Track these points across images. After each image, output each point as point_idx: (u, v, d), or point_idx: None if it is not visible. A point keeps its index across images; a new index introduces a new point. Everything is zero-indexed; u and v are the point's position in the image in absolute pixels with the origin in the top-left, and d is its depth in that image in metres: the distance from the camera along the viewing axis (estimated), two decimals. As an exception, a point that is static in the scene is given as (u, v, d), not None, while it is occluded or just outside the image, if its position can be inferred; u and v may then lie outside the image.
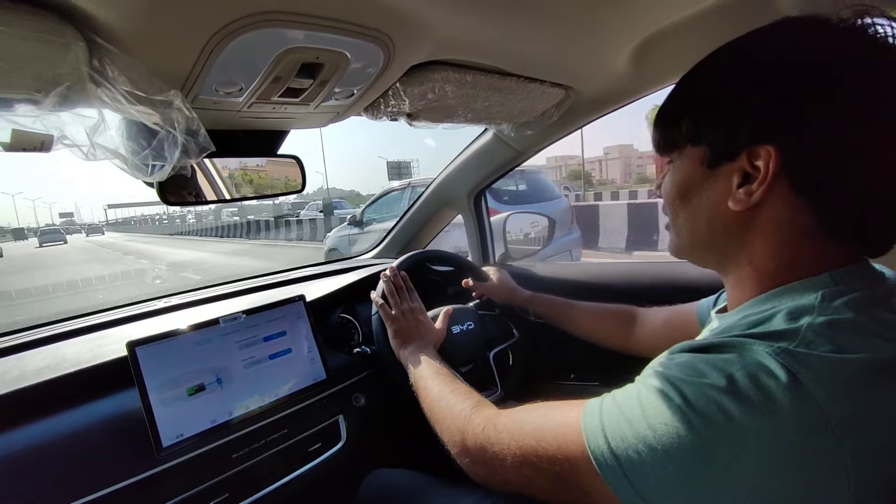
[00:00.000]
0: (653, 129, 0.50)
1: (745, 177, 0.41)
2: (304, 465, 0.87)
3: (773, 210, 0.41)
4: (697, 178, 0.45)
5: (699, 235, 0.47)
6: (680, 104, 0.47)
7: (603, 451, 0.38)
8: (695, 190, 0.46)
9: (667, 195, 0.49)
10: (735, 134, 0.41)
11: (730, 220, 0.43)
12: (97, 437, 0.69)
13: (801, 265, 0.41)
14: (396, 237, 1.53)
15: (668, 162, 0.50)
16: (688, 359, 0.38)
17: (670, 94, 0.48)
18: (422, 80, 0.71)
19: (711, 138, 0.43)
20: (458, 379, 0.71)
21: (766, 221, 0.42)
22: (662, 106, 0.49)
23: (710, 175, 0.44)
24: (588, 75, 0.88)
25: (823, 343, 0.35)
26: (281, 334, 0.90)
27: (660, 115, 0.49)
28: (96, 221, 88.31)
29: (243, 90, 0.55)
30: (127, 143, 0.47)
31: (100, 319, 0.96)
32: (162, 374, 0.74)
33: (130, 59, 0.43)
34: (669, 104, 0.48)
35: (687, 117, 0.45)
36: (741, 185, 0.42)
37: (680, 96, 0.47)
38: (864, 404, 0.33)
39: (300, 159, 0.85)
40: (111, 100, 0.44)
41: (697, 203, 0.46)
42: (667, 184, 0.49)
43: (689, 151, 0.46)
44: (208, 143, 0.49)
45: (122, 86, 0.43)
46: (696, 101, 0.45)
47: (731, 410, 0.33)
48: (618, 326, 0.90)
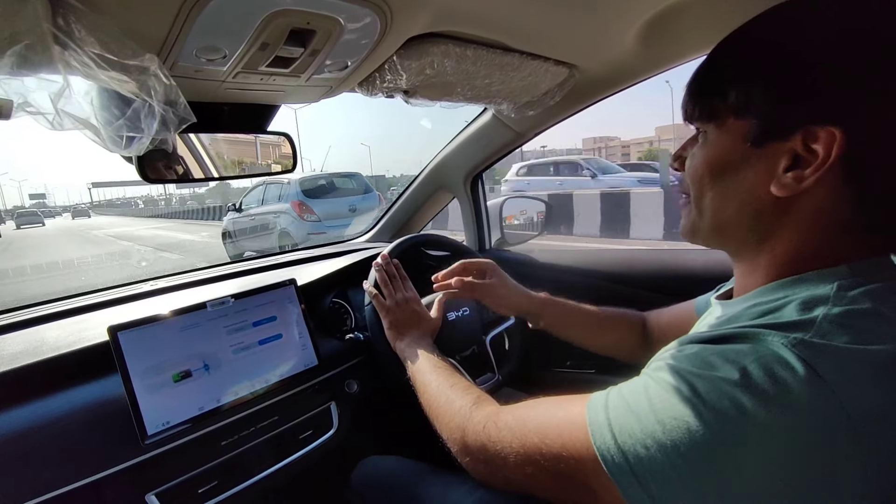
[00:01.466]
0: (687, 95, 0.45)
1: (795, 160, 0.37)
2: (295, 452, 0.85)
3: (814, 198, 0.38)
4: (737, 156, 0.41)
5: (724, 218, 0.43)
6: (728, 70, 0.42)
7: (609, 447, 0.36)
8: (731, 168, 0.41)
9: (694, 170, 0.45)
10: (793, 110, 0.37)
11: (765, 205, 0.40)
12: (79, 424, 0.66)
13: (822, 256, 0.39)
14: (390, 220, 1.50)
15: (699, 132, 0.45)
16: (698, 350, 0.37)
17: (713, 57, 0.43)
18: (420, 54, 0.66)
19: (763, 112, 0.39)
20: (457, 372, 0.69)
21: (804, 210, 0.39)
22: (702, 70, 0.44)
23: (752, 154, 0.40)
24: (593, 53, 0.84)
25: (841, 334, 0.33)
26: (271, 319, 0.88)
27: (699, 80, 0.44)
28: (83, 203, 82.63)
29: (227, 57, 0.51)
30: (99, 112, 0.43)
31: (82, 302, 0.93)
32: (146, 360, 0.72)
33: (99, 18, 0.39)
34: (712, 69, 0.43)
35: (737, 85, 0.40)
36: (788, 168, 0.38)
37: (728, 60, 0.42)
38: (884, 398, 0.32)
39: (291, 137, 0.81)
40: (79, 64, 0.40)
41: (731, 183, 0.42)
42: (696, 158, 0.45)
43: (730, 124, 0.41)
44: (189, 114, 0.45)
45: (91, 48, 0.39)
46: (751, 67, 0.40)
47: (745, 404, 0.32)
48: (632, 335, 0.82)
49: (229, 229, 7.15)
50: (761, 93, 0.39)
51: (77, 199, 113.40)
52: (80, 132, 0.43)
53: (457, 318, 0.96)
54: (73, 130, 0.41)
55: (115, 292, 0.99)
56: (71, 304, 0.92)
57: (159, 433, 0.69)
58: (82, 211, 45.29)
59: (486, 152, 1.25)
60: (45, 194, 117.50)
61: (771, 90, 0.38)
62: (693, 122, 0.45)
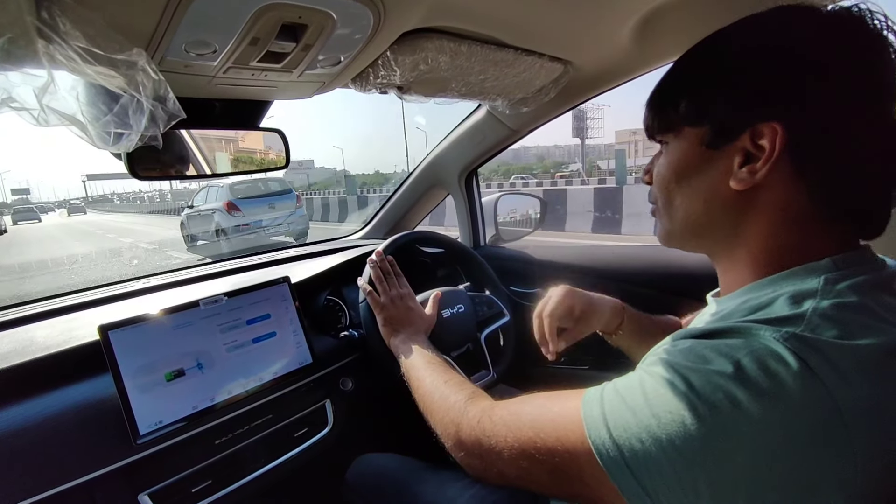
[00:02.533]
0: (646, 112, 0.48)
1: (747, 156, 0.41)
2: (289, 450, 0.85)
3: (772, 191, 0.40)
4: (696, 159, 0.44)
5: (695, 218, 0.46)
6: (678, 84, 0.46)
7: (605, 441, 0.37)
8: (692, 171, 0.45)
9: (660, 178, 0.48)
10: (738, 112, 0.41)
11: (729, 200, 0.42)
12: (70, 424, 0.65)
13: (800, 249, 0.40)
14: (385, 218, 1.49)
15: (662, 145, 0.48)
16: (692, 345, 0.37)
17: (666, 76, 0.47)
18: (414, 49, 0.66)
19: (712, 118, 0.42)
20: (452, 368, 0.69)
21: (765, 202, 0.41)
22: (657, 87, 0.47)
23: (709, 156, 0.43)
24: (588, 49, 0.84)
25: (830, 327, 0.34)
26: (265, 317, 0.87)
27: (654, 96, 0.47)
28: (75, 198, 78.52)
29: (217, 52, 0.50)
30: (85, 108, 0.42)
31: (72, 301, 0.92)
32: (138, 359, 0.71)
33: (85, 11, 0.38)
34: (665, 85, 0.47)
35: (686, 97, 0.44)
36: (743, 164, 0.41)
37: (678, 76, 0.46)
38: (873, 390, 0.33)
39: (284, 133, 0.80)
40: (65, 58, 0.39)
41: (696, 184, 0.45)
42: (660, 166, 0.48)
43: (686, 133, 0.44)
44: (178, 110, 0.44)
45: (77, 42, 0.38)
46: (696, 80, 0.44)
47: (739, 398, 0.32)
48: None
49: (184, 221, 9.08)
50: (708, 101, 0.42)
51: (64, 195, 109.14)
52: (66, 128, 0.42)
53: (451, 315, 0.96)
54: (60, 126, 0.41)
55: (107, 290, 0.97)
56: (61, 303, 0.90)
57: (152, 433, 0.69)
58: (77, 207, 43.35)
59: (481, 149, 1.24)
60: (29, 189, 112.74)
61: (717, 97, 0.42)
62: (655, 136, 0.48)
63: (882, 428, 0.33)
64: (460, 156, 1.28)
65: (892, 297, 0.38)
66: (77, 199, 75.19)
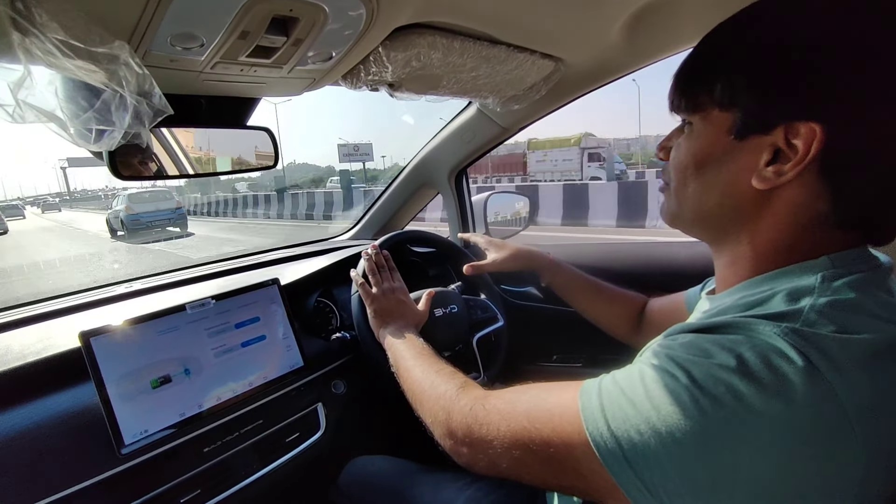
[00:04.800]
0: (673, 86, 0.45)
1: (776, 154, 0.38)
2: (281, 456, 0.83)
3: (792, 193, 0.39)
4: (720, 148, 0.41)
5: (706, 209, 0.44)
6: (714, 62, 0.42)
7: (602, 432, 0.36)
8: (714, 160, 0.42)
9: (679, 161, 0.45)
10: (776, 105, 0.37)
11: (745, 197, 0.41)
12: (50, 436, 0.63)
13: (802, 248, 0.40)
14: (374, 218, 1.47)
15: (684, 123, 0.45)
16: (692, 339, 0.37)
17: (700, 49, 0.43)
18: (406, 45, 0.64)
19: (746, 106, 0.39)
20: (442, 360, 0.67)
21: (782, 203, 0.39)
22: (689, 62, 0.44)
23: (734, 146, 0.40)
24: (579, 46, 0.83)
25: (827, 324, 0.34)
26: (254, 320, 0.85)
27: (685, 71, 0.44)
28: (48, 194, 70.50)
29: (205, 46, 0.48)
30: (65, 104, 0.40)
31: (52, 307, 0.88)
32: (122, 367, 0.68)
33: (63, 2, 0.36)
34: (699, 61, 0.43)
35: (723, 78, 0.40)
36: (770, 162, 0.38)
37: (715, 53, 0.42)
38: (874, 387, 0.33)
39: (272, 132, 0.78)
40: (42, 51, 0.37)
41: (714, 175, 0.42)
42: (681, 148, 0.45)
43: (714, 116, 0.41)
44: (165, 106, 0.42)
45: (54, 34, 0.36)
46: (736, 61, 0.40)
47: (742, 392, 0.32)
48: (628, 316, 0.86)
49: (108, 219, 13.40)
50: (745, 87, 0.39)
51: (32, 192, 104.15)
52: (44, 125, 0.39)
53: (444, 314, 0.95)
54: (37, 123, 0.38)
55: (88, 295, 0.94)
56: (39, 309, 0.87)
57: (137, 442, 0.66)
58: (51, 205, 41.54)
59: (471, 147, 1.24)
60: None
61: (754, 84, 0.38)
62: (679, 112, 0.45)
63: (883, 426, 0.33)
64: (450, 154, 1.27)
65: (888, 295, 0.38)
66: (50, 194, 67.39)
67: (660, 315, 0.80)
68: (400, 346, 0.74)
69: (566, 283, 0.93)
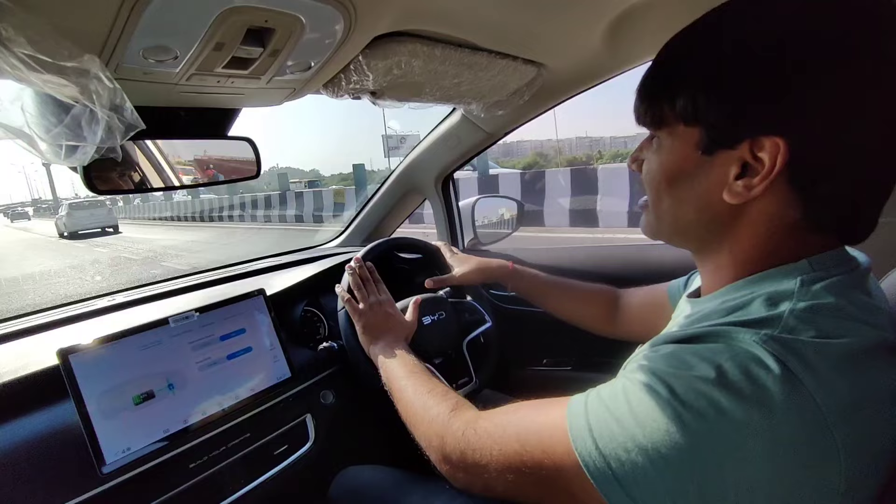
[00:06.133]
0: (637, 99, 0.44)
1: (744, 167, 0.38)
2: (269, 469, 0.82)
3: (765, 203, 0.39)
4: (690, 164, 0.41)
5: (684, 223, 0.44)
6: (674, 76, 0.41)
7: (591, 452, 0.36)
8: (685, 176, 0.42)
9: (650, 177, 0.45)
10: (739, 120, 0.37)
11: (720, 211, 0.41)
12: (29, 457, 0.61)
13: (781, 253, 0.40)
14: (362, 224, 1.46)
15: (652, 136, 0.45)
16: (673, 350, 0.37)
17: (663, 60, 0.42)
18: (387, 53, 0.64)
19: (711, 121, 0.39)
20: (434, 377, 0.67)
21: (756, 214, 0.40)
22: (651, 74, 0.43)
23: (704, 161, 0.40)
24: (561, 52, 0.84)
25: (807, 329, 0.34)
26: (240, 332, 0.84)
27: (648, 84, 0.43)
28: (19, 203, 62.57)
29: (179, 59, 0.47)
30: (32, 120, 0.39)
31: (30, 323, 0.86)
32: (103, 383, 0.67)
33: (29, 16, 0.35)
34: (660, 74, 0.42)
35: (684, 93, 0.39)
36: (739, 175, 0.38)
37: (674, 66, 0.41)
38: (852, 390, 0.33)
39: (254, 141, 0.77)
40: (8, 66, 0.36)
41: (687, 190, 0.42)
42: (651, 164, 0.45)
43: (681, 131, 0.41)
44: (136, 121, 0.41)
45: (21, 48, 0.35)
46: (697, 75, 0.39)
47: (723, 404, 0.32)
48: (599, 310, 0.87)
49: (56, 223, 16.32)
50: (707, 103, 0.38)
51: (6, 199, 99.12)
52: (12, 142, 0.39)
53: (432, 321, 0.95)
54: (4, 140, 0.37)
55: (68, 310, 0.92)
56: (16, 326, 0.85)
57: (119, 460, 0.65)
58: (20, 213, 39.37)
59: (457, 153, 1.24)
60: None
61: (716, 100, 0.38)
62: (645, 126, 0.45)
63: (862, 427, 0.33)
64: (436, 160, 1.27)
65: (866, 295, 0.39)
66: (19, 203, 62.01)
67: (640, 308, 0.81)
68: (391, 364, 0.73)
69: (530, 287, 0.95)
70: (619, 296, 0.87)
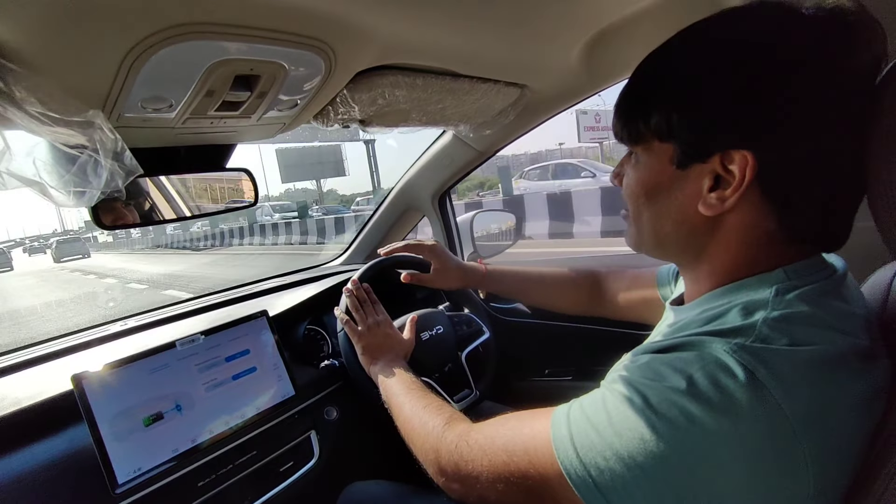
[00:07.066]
0: (615, 116, 0.46)
1: (716, 180, 0.40)
2: (276, 486, 0.84)
3: (740, 214, 0.40)
4: (666, 178, 0.43)
5: (663, 235, 0.46)
6: (649, 94, 0.43)
7: (572, 461, 0.37)
8: (662, 189, 0.44)
9: (630, 191, 0.47)
10: (709, 135, 0.39)
11: (697, 223, 0.42)
12: (44, 480, 0.64)
13: (760, 263, 0.41)
14: (363, 243, 1.50)
15: (630, 153, 0.47)
16: (649, 360, 0.38)
17: (637, 79, 0.44)
18: (370, 87, 0.68)
19: (683, 137, 0.40)
20: (431, 392, 0.69)
21: (732, 225, 0.41)
22: (626, 93, 0.45)
23: (679, 175, 0.42)
24: (541, 74, 0.87)
25: (779, 337, 0.35)
26: (244, 353, 0.87)
27: (623, 102, 0.45)
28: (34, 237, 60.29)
29: (174, 106, 0.52)
30: (45, 169, 0.44)
31: (45, 350, 0.90)
32: (114, 407, 0.70)
33: (39, 79, 0.39)
34: (636, 92, 0.44)
35: (657, 111, 0.41)
36: (712, 188, 0.40)
37: (648, 85, 0.43)
38: (820, 397, 0.34)
39: (251, 172, 0.82)
40: (24, 122, 0.41)
41: (665, 203, 0.44)
42: (630, 178, 0.47)
43: (656, 147, 0.43)
44: (135, 167, 0.45)
45: (33, 107, 0.40)
46: (668, 94, 0.41)
47: (694, 413, 0.33)
48: (580, 294, 0.89)
49: (50, 250, 23.85)
50: (678, 119, 0.40)
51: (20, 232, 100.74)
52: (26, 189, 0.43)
53: (430, 337, 0.97)
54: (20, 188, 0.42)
55: (81, 336, 0.97)
56: (34, 353, 0.89)
57: (131, 480, 0.68)
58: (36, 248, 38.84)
59: (450, 171, 1.27)
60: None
61: (687, 116, 0.40)
62: (623, 142, 0.47)
63: (830, 433, 0.34)
64: (431, 179, 1.31)
65: (841, 302, 0.40)
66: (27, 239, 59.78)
67: (628, 290, 0.82)
68: (390, 382, 0.75)
69: (503, 286, 0.97)
70: (601, 279, 0.87)
